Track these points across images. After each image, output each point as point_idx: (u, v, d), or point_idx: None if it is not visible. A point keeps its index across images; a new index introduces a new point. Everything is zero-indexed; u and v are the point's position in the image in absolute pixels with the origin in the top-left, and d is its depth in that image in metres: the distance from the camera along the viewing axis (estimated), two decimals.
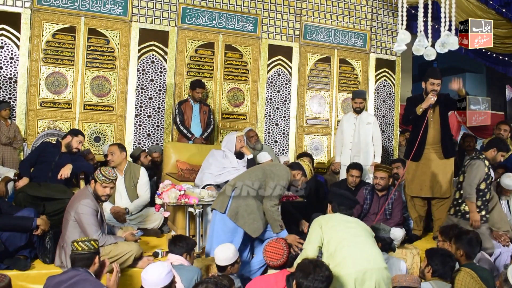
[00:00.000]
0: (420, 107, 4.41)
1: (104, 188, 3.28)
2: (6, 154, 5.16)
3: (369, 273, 2.61)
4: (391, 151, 7.49)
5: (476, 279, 2.93)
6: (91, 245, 2.55)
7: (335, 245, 2.74)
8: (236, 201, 3.50)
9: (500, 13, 6.74)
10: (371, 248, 2.78)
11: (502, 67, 8.32)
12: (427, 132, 4.52)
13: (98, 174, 3.27)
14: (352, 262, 2.64)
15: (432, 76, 4.45)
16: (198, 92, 5.61)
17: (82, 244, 2.53)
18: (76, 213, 3.18)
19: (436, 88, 4.42)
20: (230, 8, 6.40)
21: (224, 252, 3.08)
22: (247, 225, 3.46)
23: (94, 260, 2.56)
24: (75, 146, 4.36)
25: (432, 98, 4.37)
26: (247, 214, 3.47)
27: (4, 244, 3.17)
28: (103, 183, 3.26)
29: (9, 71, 5.40)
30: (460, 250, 3.18)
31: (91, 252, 2.55)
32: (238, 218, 3.46)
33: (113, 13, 5.82)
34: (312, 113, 6.98)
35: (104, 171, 3.27)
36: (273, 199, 3.51)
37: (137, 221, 4.32)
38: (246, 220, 3.46)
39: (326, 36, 7.02)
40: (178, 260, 3.01)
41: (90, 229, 3.15)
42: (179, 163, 4.87)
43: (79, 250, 2.52)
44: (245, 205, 3.49)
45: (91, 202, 3.22)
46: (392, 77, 7.49)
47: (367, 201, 4.49)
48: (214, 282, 2.25)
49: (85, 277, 2.48)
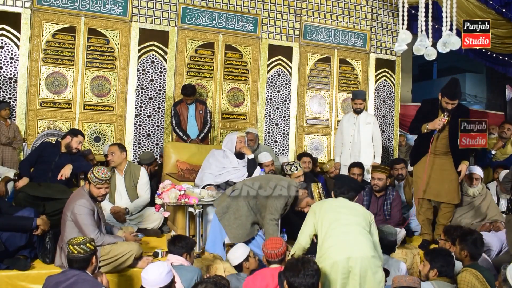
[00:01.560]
0: (426, 127, 4.19)
1: (98, 189, 3.26)
2: (6, 154, 5.15)
3: (353, 261, 2.61)
4: (391, 151, 7.49)
5: (481, 280, 2.92)
6: (86, 248, 2.52)
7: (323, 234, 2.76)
8: (230, 202, 3.50)
9: (500, 13, 6.74)
10: (356, 237, 2.74)
11: (502, 67, 8.32)
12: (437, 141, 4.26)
13: (91, 175, 3.24)
14: (335, 252, 2.64)
15: (448, 96, 4.10)
16: (187, 99, 5.55)
17: (77, 248, 2.50)
18: (72, 213, 3.18)
19: (450, 108, 4.11)
20: (230, 8, 6.39)
21: (233, 252, 3.11)
22: (229, 228, 3.44)
23: (91, 261, 2.55)
24: (75, 146, 4.35)
25: (439, 124, 4.11)
26: (234, 218, 3.45)
27: (4, 244, 3.16)
28: (96, 184, 3.24)
29: (9, 71, 5.40)
30: (464, 250, 3.17)
31: (87, 254, 2.53)
32: (224, 218, 3.45)
33: (113, 13, 5.82)
34: (312, 113, 6.98)
35: (96, 172, 3.23)
36: (274, 213, 3.43)
37: (137, 221, 4.32)
38: (231, 222, 3.44)
39: (326, 36, 7.02)
40: (178, 260, 3.01)
41: (87, 229, 3.14)
42: (179, 163, 4.87)
43: (75, 253, 2.50)
44: (236, 208, 3.47)
45: (86, 202, 3.21)
46: (392, 77, 7.49)
47: (365, 202, 4.49)
48: (213, 282, 2.26)
49: (83, 277, 2.49)
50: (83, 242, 2.54)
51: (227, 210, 3.49)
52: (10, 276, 3.10)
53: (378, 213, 4.43)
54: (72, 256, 2.52)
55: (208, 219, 3.89)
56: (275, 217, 3.45)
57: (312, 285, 2.34)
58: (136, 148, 5.94)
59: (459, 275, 3.01)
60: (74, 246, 2.51)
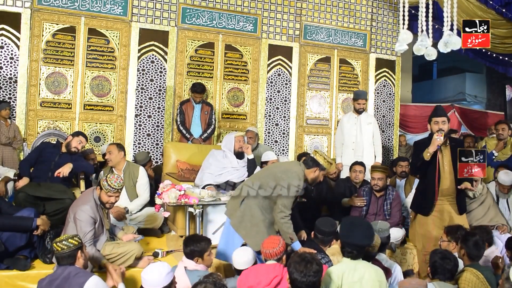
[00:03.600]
0: (428, 151, 3.82)
1: (109, 197, 3.23)
2: (6, 154, 5.15)
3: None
4: (391, 151, 7.49)
5: (482, 280, 2.92)
6: (69, 243, 2.54)
7: None
8: (243, 210, 3.41)
9: (500, 13, 6.74)
10: None
11: (502, 67, 8.33)
12: (440, 181, 3.91)
13: (104, 182, 3.21)
14: None
15: (434, 115, 3.93)
16: (196, 96, 5.60)
17: (60, 244, 2.54)
18: (74, 217, 3.18)
19: (442, 126, 3.84)
20: (230, 8, 6.39)
21: (243, 256, 3.04)
22: (249, 237, 3.35)
23: (77, 256, 2.57)
24: (74, 145, 4.34)
25: (438, 139, 3.77)
26: (251, 226, 3.36)
27: (4, 244, 3.16)
28: (108, 192, 3.21)
29: (9, 71, 5.40)
30: (463, 250, 3.18)
31: (71, 250, 2.55)
32: (241, 227, 3.37)
33: (113, 13, 5.82)
34: (312, 113, 6.98)
35: (110, 180, 3.20)
36: (284, 210, 3.31)
37: (137, 221, 4.31)
38: (249, 230, 3.35)
39: (326, 36, 7.02)
40: (191, 265, 2.90)
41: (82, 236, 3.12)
42: (179, 163, 4.87)
43: (59, 250, 2.54)
44: (250, 215, 3.38)
45: (90, 210, 3.17)
46: (392, 77, 7.49)
47: (366, 202, 4.50)
48: (212, 282, 2.24)
49: (74, 270, 2.54)
50: (65, 238, 2.57)
51: (242, 219, 3.40)
52: (10, 276, 3.10)
53: (378, 213, 4.44)
54: (57, 253, 2.56)
55: (208, 219, 3.89)
56: (285, 214, 3.33)
57: (313, 284, 2.36)
58: (136, 148, 5.94)
59: (460, 275, 3.01)
60: (57, 244, 2.55)
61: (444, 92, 14.68)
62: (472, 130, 10.23)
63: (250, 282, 2.64)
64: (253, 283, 2.63)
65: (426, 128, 10.04)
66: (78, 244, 2.59)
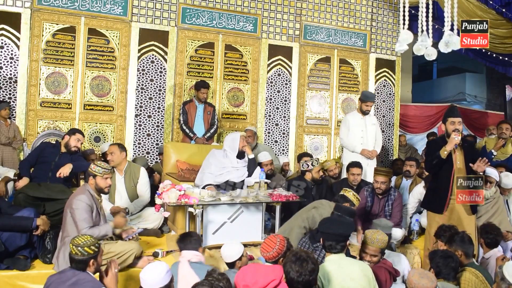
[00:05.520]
0: (445, 149, 3.91)
1: (106, 179, 3.37)
2: (6, 154, 5.15)
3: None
4: (391, 151, 7.49)
5: (482, 279, 2.95)
6: (84, 251, 2.51)
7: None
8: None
9: (500, 13, 6.75)
10: None
11: (502, 67, 8.34)
12: (454, 180, 3.97)
13: (96, 168, 3.35)
14: None
15: (451, 115, 4.02)
16: (203, 93, 5.61)
17: (76, 249, 2.50)
18: (71, 208, 3.20)
19: (458, 127, 3.94)
20: (230, 8, 6.39)
21: (229, 250, 3.05)
22: None
23: (89, 264, 2.55)
24: (73, 144, 4.35)
25: (456, 138, 3.87)
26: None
27: (4, 244, 3.16)
28: (104, 174, 3.35)
29: (9, 71, 5.40)
30: (458, 251, 3.18)
31: (85, 258, 2.52)
32: None
33: (113, 13, 5.82)
34: (312, 113, 6.98)
35: (100, 164, 3.39)
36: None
37: (137, 221, 4.32)
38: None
39: (326, 36, 7.02)
40: (195, 256, 2.92)
41: (80, 224, 3.16)
42: (179, 163, 4.87)
43: (73, 253, 2.52)
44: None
45: (86, 198, 3.25)
46: (392, 77, 7.49)
47: (368, 202, 4.52)
48: (209, 284, 2.23)
49: (83, 277, 2.50)
50: (83, 245, 2.52)
51: None
52: (10, 276, 3.10)
53: (380, 213, 4.49)
54: (71, 255, 2.54)
55: (208, 219, 3.89)
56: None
57: (308, 283, 2.39)
58: (136, 148, 5.94)
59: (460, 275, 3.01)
60: (73, 247, 2.51)
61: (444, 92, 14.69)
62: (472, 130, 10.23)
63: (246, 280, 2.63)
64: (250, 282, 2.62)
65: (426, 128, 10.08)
66: (93, 254, 2.55)
